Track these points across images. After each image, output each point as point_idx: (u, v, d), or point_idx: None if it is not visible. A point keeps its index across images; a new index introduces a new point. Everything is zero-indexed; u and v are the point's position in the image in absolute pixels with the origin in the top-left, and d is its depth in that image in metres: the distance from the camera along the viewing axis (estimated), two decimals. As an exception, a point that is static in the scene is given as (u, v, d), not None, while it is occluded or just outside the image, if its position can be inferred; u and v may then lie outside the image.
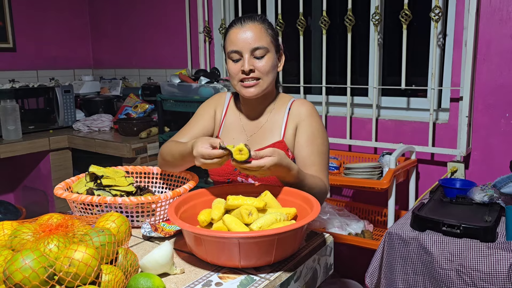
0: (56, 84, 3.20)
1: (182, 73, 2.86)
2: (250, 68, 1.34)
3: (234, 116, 1.52)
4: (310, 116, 1.42)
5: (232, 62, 1.38)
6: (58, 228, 0.82)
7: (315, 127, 1.41)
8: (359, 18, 2.43)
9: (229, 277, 0.96)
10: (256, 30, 1.35)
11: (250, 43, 1.34)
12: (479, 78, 2.13)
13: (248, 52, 1.34)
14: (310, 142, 1.39)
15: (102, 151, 2.86)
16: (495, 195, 1.75)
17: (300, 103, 1.46)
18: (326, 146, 1.42)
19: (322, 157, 1.39)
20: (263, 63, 1.35)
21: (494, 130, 2.13)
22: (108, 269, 0.80)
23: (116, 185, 1.29)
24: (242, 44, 1.34)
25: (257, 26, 1.36)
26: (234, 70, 1.37)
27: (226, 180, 1.46)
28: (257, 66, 1.35)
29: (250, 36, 1.34)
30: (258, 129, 1.47)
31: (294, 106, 1.45)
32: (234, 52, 1.36)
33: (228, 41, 1.39)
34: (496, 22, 2.05)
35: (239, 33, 1.35)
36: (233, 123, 1.50)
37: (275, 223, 1.03)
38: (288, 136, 1.42)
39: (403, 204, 2.37)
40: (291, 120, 1.43)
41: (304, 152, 1.38)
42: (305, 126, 1.40)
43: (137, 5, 3.57)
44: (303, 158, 1.38)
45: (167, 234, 1.16)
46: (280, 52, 1.45)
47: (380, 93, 2.52)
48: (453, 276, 1.54)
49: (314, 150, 1.38)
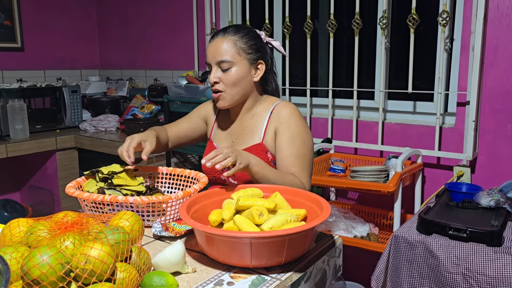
0: (63, 84, 3.22)
1: (189, 74, 2.87)
2: (215, 81, 1.43)
3: (223, 120, 1.61)
4: (290, 118, 1.45)
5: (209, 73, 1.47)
6: (73, 225, 0.83)
7: (294, 130, 1.43)
8: (366, 21, 2.44)
9: (240, 276, 0.97)
10: (224, 43, 1.42)
11: (215, 56, 1.42)
12: (486, 83, 2.14)
13: (215, 65, 1.43)
14: (289, 144, 1.42)
15: (109, 151, 2.88)
16: (502, 200, 1.75)
17: (282, 105, 1.49)
18: (307, 147, 1.44)
19: (301, 158, 1.42)
20: (227, 76, 1.43)
21: (500, 134, 2.13)
22: (123, 266, 0.81)
23: (126, 184, 1.30)
24: (210, 57, 1.44)
25: (227, 39, 1.42)
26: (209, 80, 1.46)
27: (212, 177, 1.53)
28: (223, 78, 1.43)
29: (216, 49, 1.42)
30: (241, 132, 1.53)
31: (275, 109, 1.49)
32: (207, 64, 1.46)
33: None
34: (504, 27, 2.06)
35: (210, 46, 1.45)
36: (222, 126, 1.60)
37: (285, 224, 1.04)
38: (267, 139, 1.47)
39: (409, 208, 2.37)
40: (271, 123, 1.47)
41: (283, 154, 1.42)
42: (284, 129, 1.44)
43: (145, 6, 3.59)
44: (283, 160, 1.42)
45: (178, 234, 1.17)
46: (258, 62, 1.47)
47: (387, 96, 2.53)
48: (459, 279, 1.54)
49: (293, 152, 1.41)
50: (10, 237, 0.88)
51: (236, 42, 1.42)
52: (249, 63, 1.45)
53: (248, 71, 1.45)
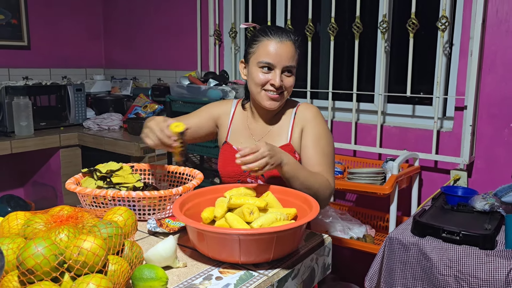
0: (68, 83, 3.27)
1: (191, 75, 2.91)
2: (280, 84, 1.41)
3: (241, 122, 1.58)
4: (315, 119, 1.49)
5: (260, 71, 1.42)
6: (68, 219, 0.87)
7: (319, 129, 1.47)
8: (367, 25, 2.46)
9: (229, 272, 1.00)
10: (291, 49, 1.41)
11: (284, 61, 1.40)
12: (484, 88, 2.15)
13: (280, 68, 1.40)
14: (315, 144, 1.45)
15: (111, 149, 2.92)
16: (496, 204, 1.77)
17: (305, 107, 1.53)
18: (331, 147, 1.49)
19: (327, 157, 1.46)
20: (290, 80, 1.44)
21: (497, 139, 2.15)
22: (115, 259, 0.84)
23: (125, 182, 1.33)
24: (278, 59, 1.39)
25: (292, 45, 1.42)
26: (262, 80, 1.42)
27: (236, 181, 1.51)
28: (285, 82, 1.43)
29: (286, 54, 1.40)
30: (265, 133, 1.53)
31: (299, 110, 1.52)
32: (267, 64, 1.40)
33: (261, 50, 1.41)
34: (503, 33, 2.08)
35: (276, 48, 1.40)
36: (240, 128, 1.57)
37: (275, 222, 1.07)
38: (294, 139, 1.49)
39: (406, 211, 2.39)
40: (297, 124, 1.50)
41: (309, 153, 1.45)
42: (310, 129, 1.47)
43: (150, 7, 3.64)
44: (309, 159, 1.45)
45: (172, 230, 1.20)
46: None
47: (386, 100, 2.55)
48: (451, 282, 1.56)
49: (319, 151, 1.45)
50: (8, 229, 0.92)
51: (297, 49, 1.44)
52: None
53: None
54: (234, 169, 1.49)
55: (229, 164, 1.49)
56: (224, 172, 1.53)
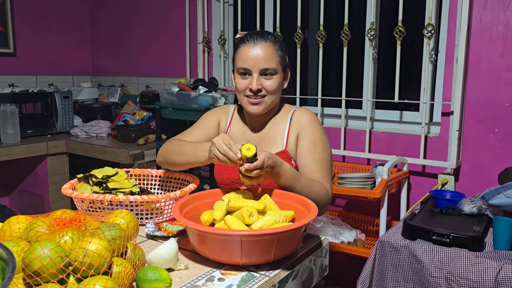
0: (56, 90, 3.25)
1: (181, 82, 2.92)
2: (258, 88, 1.39)
3: (238, 128, 1.56)
4: (311, 124, 1.46)
5: (240, 78, 1.42)
6: (72, 222, 0.87)
7: (316, 136, 1.45)
8: (355, 33, 2.51)
9: (230, 273, 1.01)
10: (268, 50, 1.38)
11: (260, 64, 1.38)
12: (470, 94, 2.21)
13: (257, 72, 1.38)
14: (311, 150, 1.42)
15: (100, 157, 2.90)
16: (484, 207, 1.81)
17: (301, 112, 1.50)
18: (327, 153, 1.46)
19: (323, 164, 1.42)
20: (270, 83, 1.40)
21: (483, 144, 2.20)
22: (119, 261, 0.84)
23: (121, 187, 1.33)
24: (252, 63, 1.38)
25: (269, 47, 1.39)
26: (242, 86, 1.41)
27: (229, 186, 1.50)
28: (264, 85, 1.40)
29: (261, 56, 1.38)
30: (261, 140, 1.51)
31: (295, 116, 1.49)
32: (243, 70, 1.40)
33: (238, 57, 1.42)
34: (486, 40, 2.14)
35: (250, 51, 1.38)
36: (237, 134, 1.55)
37: (274, 224, 1.09)
38: (290, 146, 1.47)
39: (395, 215, 2.43)
40: (292, 130, 1.47)
41: (305, 160, 1.42)
42: (306, 135, 1.44)
43: (138, 14, 3.64)
44: (305, 166, 1.42)
45: (170, 234, 1.21)
46: (287, 70, 1.50)
47: (374, 106, 2.60)
48: (442, 283, 1.59)
49: (315, 157, 1.42)
50: (9, 233, 0.91)
51: (277, 51, 1.41)
52: (283, 70, 1.46)
53: (283, 78, 1.46)
54: (230, 176, 1.48)
55: (226, 171, 1.49)
56: (220, 178, 1.52)
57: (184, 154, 1.38)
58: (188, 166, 1.44)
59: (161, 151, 1.50)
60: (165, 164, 1.50)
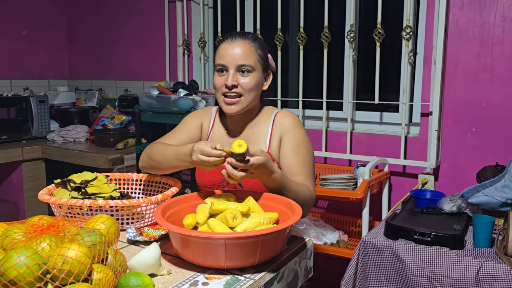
0: (31, 94, 3.17)
1: (160, 85, 2.88)
2: (233, 84, 1.38)
3: (220, 130, 1.55)
4: (294, 126, 1.46)
5: (217, 75, 1.42)
6: (49, 228, 0.84)
7: (299, 137, 1.44)
8: (335, 35, 2.52)
9: (215, 277, 0.99)
10: (245, 48, 1.39)
11: (236, 60, 1.38)
12: (447, 95, 2.25)
13: (233, 68, 1.38)
14: (294, 152, 1.42)
15: (78, 162, 2.84)
16: (463, 205, 1.84)
17: (284, 114, 1.49)
18: (310, 155, 1.46)
19: (307, 166, 1.42)
20: (247, 80, 1.39)
21: (461, 144, 2.24)
22: (99, 267, 0.82)
23: (101, 192, 1.30)
24: (229, 59, 1.38)
25: (247, 44, 1.40)
26: (219, 83, 1.41)
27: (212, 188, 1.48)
28: (241, 83, 1.39)
29: (238, 53, 1.38)
30: None
31: (277, 118, 1.49)
32: (220, 66, 1.40)
33: (217, 55, 1.42)
34: (463, 42, 2.18)
35: (228, 48, 1.39)
36: (220, 136, 1.53)
37: (258, 226, 1.07)
38: (273, 148, 1.46)
39: (377, 215, 2.44)
40: (275, 132, 1.46)
41: (289, 162, 1.41)
42: (289, 137, 1.44)
43: (116, 17, 3.59)
44: (288, 168, 1.41)
45: (152, 238, 1.18)
46: (268, 72, 1.49)
47: (355, 107, 2.61)
48: (424, 282, 1.60)
49: (299, 159, 1.41)
50: (-17, 241, 0.87)
51: (256, 49, 1.41)
52: (263, 71, 1.45)
53: (262, 79, 1.45)
54: (212, 179, 1.46)
55: (207, 174, 1.47)
56: (201, 181, 1.50)
57: (168, 158, 1.36)
58: (172, 170, 1.41)
59: (144, 155, 1.47)
60: (148, 168, 1.47)
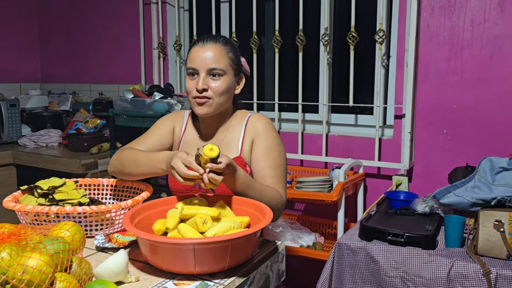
0: (1, 98, 3.09)
1: (135, 88, 2.85)
2: (204, 88, 1.37)
3: (192, 133, 1.53)
4: (266, 130, 1.45)
5: (189, 79, 1.41)
6: (10, 236, 0.81)
7: (270, 141, 1.44)
8: (309, 38, 2.54)
9: (184, 283, 0.97)
10: (216, 51, 1.38)
11: (207, 63, 1.37)
12: (420, 97, 2.28)
13: (204, 72, 1.38)
14: (266, 156, 1.41)
15: (50, 167, 2.77)
16: (435, 206, 1.87)
17: (256, 118, 1.49)
18: (282, 158, 1.46)
19: (278, 169, 1.42)
20: (217, 84, 1.38)
21: (433, 145, 2.27)
22: (62, 276, 0.80)
23: (69, 198, 1.27)
24: (200, 63, 1.38)
25: (218, 48, 1.39)
26: (190, 87, 1.40)
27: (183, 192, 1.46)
28: (211, 86, 1.38)
29: (209, 56, 1.37)
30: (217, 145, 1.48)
31: (250, 121, 1.48)
32: (191, 69, 1.39)
33: (188, 58, 1.42)
34: (434, 45, 2.22)
35: (199, 51, 1.39)
36: (192, 140, 1.52)
37: (229, 231, 1.06)
38: (245, 151, 1.45)
39: (352, 217, 2.46)
40: (247, 135, 1.46)
41: (260, 165, 1.41)
42: (261, 140, 1.44)
43: (90, 19, 3.53)
44: (260, 171, 1.41)
45: (121, 245, 1.16)
46: (240, 75, 1.49)
47: (330, 110, 2.63)
48: (398, 283, 1.62)
49: (270, 163, 1.41)
50: None
51: (228, 52, 1.41)
52: (235, 75, 1.44)
53: (234, 82, 1.45)
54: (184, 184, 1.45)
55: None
56: (174, 186, 1.48)
57: (140, 165, 1.34)
58: (144, 177, 1.39)
59: (114, 160, 1.44)
60: (118, 174, 1.44)
